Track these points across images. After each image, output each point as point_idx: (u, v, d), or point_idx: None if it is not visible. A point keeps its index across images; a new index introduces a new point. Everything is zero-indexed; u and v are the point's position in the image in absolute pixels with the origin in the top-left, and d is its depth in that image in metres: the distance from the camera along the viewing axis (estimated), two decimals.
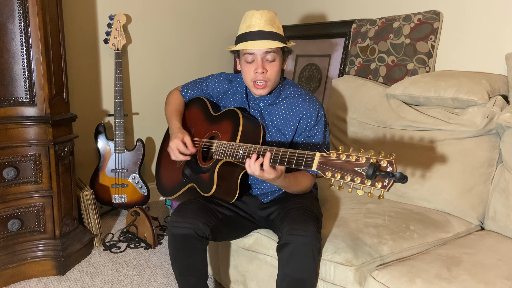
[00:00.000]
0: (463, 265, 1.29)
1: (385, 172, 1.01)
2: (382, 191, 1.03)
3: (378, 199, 1.02)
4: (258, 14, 1.46)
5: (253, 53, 1.45)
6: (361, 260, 1.34)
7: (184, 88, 1.83)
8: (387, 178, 1.01)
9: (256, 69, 1.46)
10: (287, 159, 1.22)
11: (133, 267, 2.06)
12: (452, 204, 1.68)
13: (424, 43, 1.97)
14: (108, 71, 2.63)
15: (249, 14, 1.48)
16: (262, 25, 1.45)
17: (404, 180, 0.99)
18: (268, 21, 1.46)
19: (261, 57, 1.45)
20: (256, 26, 1.45)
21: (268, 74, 1.47)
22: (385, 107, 1.93)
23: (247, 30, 1.46)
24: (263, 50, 1.44)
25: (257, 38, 1.44)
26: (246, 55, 1.47)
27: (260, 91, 1.50)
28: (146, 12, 2.72)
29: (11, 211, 1.86)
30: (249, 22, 1.47)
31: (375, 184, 1.03)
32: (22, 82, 1.82)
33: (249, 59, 1.47)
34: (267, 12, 1.48)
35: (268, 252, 1.54)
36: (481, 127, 1.63)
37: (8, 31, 1.76)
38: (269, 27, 1.46)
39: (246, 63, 1.48)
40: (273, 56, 1.46)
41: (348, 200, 1.81)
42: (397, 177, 0.99)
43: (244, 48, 1.45)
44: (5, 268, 1.86)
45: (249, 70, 1.48)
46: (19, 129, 1.83)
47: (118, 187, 2.55)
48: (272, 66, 1.47)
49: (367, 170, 1.02)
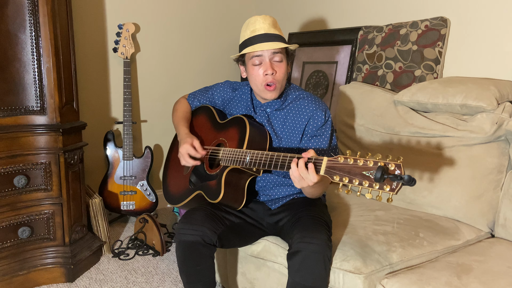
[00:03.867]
0: (473, 273, 1.28)
1: (393, 175, 1.01)
2: (391, 194, 1.03)
3: (387, 202, 1.02)
4: (261, 19, 1.49)
5: (261, 55, 1.47)
6: (371, 268, 1.33)
7: (191, 97, 1.85)
8: (396, 181, 1.01)
9: (265, 70, 1.47)
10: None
11: (141, 274, 2.07)
12: (462, 211, 1.67)
13: (431, 50, 1.97)
14: (117, 79, 2.66)
15: (252, 20, 1.51)
16: (267, 28, 1.48)
17: (412, 183, 0.99)
18: (272, 24, 1.49)
19: (269, 58, 1.47)
20: (261, 30, 1.47)
21: (277, 75, 1.48)
22: (392, 113, 1.92)
23: (252, 34, 1.48)
24: (271, 51, 1.46)
25: (264, 40, 1.46)
26: (254, 58, 1.48)
27: (271, 94, 1.51)
28: (154, 21, 2.75)
29: (22, 218, 1.88)
30: (252, 27, 1.49)
31: (383, 187, 1.03)
32: (33, 91, 1.85)
33: (257, 62, 1.48)
34: (269, 17, 1.51)
35: (277, 260, 1.53)
36: (490, 134, 1.62)
37: (20, 41, 1.79)
38: (273, 30, 1.48)
39: (254, 66, 1.49)
40: (280, 57, 1.47)
41: (356, 207, 1.80)
42: (405, 179, 0.99)
43: (252, 50, 1.46)
44: (15, 275, 1.87)
45: (257, 74, 1.49)
46: (29, 138, 1.86)
47: (126, 194, 2.56)
48: (280, 67, 1.48)
49: (375, 174, 1.02)
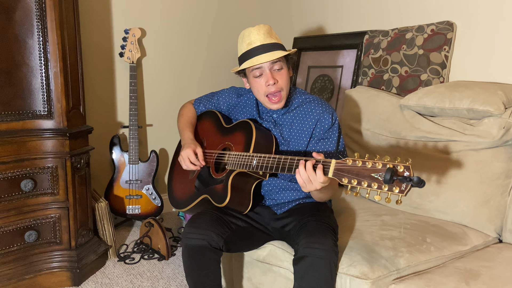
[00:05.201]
0: (481, 279, 1.27)
1: (402, 177, 1.01)
2: (400, 196, 1.03)
3: (396, 204, 1.02)
4: (255, 30, 1.49)
5: (260, 67, 1.47)
6: (377, 273, 1.33)
7: (197, 102, 1.86)
8: (405, 183, 1.01)
9: (267, 81, 1.47)
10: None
11: (147, 279, 2.07)
12: (469, 216, 1.65)
13: (437, 54, 1.96)
14: (123, 83, 2.67)
15: (246, 33, 1.51)
16: (262, 39, 1.48)
17: (421, 185, 0.99)
18: (266, 33, 1.49)
19: (269, 69, 1.47)
20: (257, 42, 1.47)
21: (279, 83, 1.48)
22: (399, 118, 1.92)
23: (249, 47, 1.48)
24: (270, 61, 1.46)
25: (261, 52, 1.46)
26: (254, 71, 1.49)
27: (275, 105, 1.51)
28: (161, 26, 2.77)
29: (28, 222, 1.89)
30: (248, 40, 1.49)
31: (392, 189, 1.03)
32: (40, 95, 1.86)
33: (257, 74, 1.49)
34: (263, 26, 1.50)
35: (283, 264, 1.53)
36: (497, 138, 1.61)
37: (27, 46, 1.81)
38: (269, 39, 1.48)
39: (255, 78, 1.50)
40: (279, 65, 1.48)
41: (363, 212, 1.79)
42: (414, 181, 0.99)
43: (251, 64, 1.47)
44: (21, 279, 1.88)
45: (260, 85, 1.50)
46: (36, 142, 1.87)
47: (132, 198, 2.57)
48: (281, 75, 1.49)
49: (385, 175, 1.02)
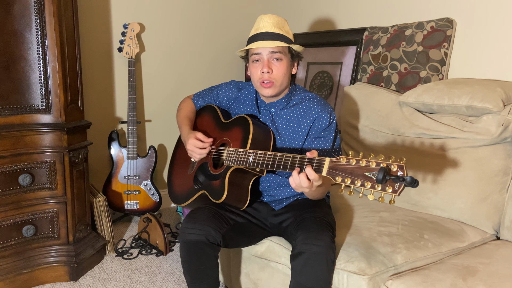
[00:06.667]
0: (478, 275, 1.27)
1: (395, 176, 1.00)
2: (393, 196, 1.02)
3: (389, 203, 1.01)
4: (266, 18, 1.52)
5: (259, 53, 1.49)
6: (375, 269, 1.33)
7: (196, 96, 1.86)
8: (398, 183, 1.00)
9: (262, 68, 1.49)
10: (297, 164, 1.23)
11: (145, 274, 2.07)
12: (467, 213, 1.66)
13: (437, 51, 1.96)
14: (121, 78, 2.66)
15: (259, 18, 1.54)
16: (269, 27, 1.50)
17: (414, 185, 0.98)
18: (275, 23, 1.51)
19: (267, 57, 1.48)
20: (263, 28, 1.50)
21: (274, 74, 1.49)
22: (398, 114, 1.92)
23: (255, 32, 1.52)
24: (269, 49, 1.47)
25: (263, 39, 1.48)
26: (253, 55, 1.51)
27: (267, 90, 1.51)
28: (160, 21, 2.76)
29: (26, 217, 1.89)
30: (257, 25, 1.53)
31: (385, 188, 1.02)
32: (38, 90, 1.85)
33: (256, 59, 1.50)
34: (276, 17, 1.53)
35: (280, 260, 1.53)
36: (496, 135, 1.61)
37: (26, 40, 1.80)
38: (276, 30, 1.49)
39: (253, 63, 1.52)
40: (279, 56, 1.48)
41: (361, 208, 1.79)
42: (407, 181, 0.98)
43: (250, 47, 1.50)
44: (19, 273, 1.88)
45: (255, 71, 1.51)
46: (34, 136, 1.86)
47: (130, 193, 2.56)
48: (278, 66, 1.49)
49: (377, 175, 1.01)
